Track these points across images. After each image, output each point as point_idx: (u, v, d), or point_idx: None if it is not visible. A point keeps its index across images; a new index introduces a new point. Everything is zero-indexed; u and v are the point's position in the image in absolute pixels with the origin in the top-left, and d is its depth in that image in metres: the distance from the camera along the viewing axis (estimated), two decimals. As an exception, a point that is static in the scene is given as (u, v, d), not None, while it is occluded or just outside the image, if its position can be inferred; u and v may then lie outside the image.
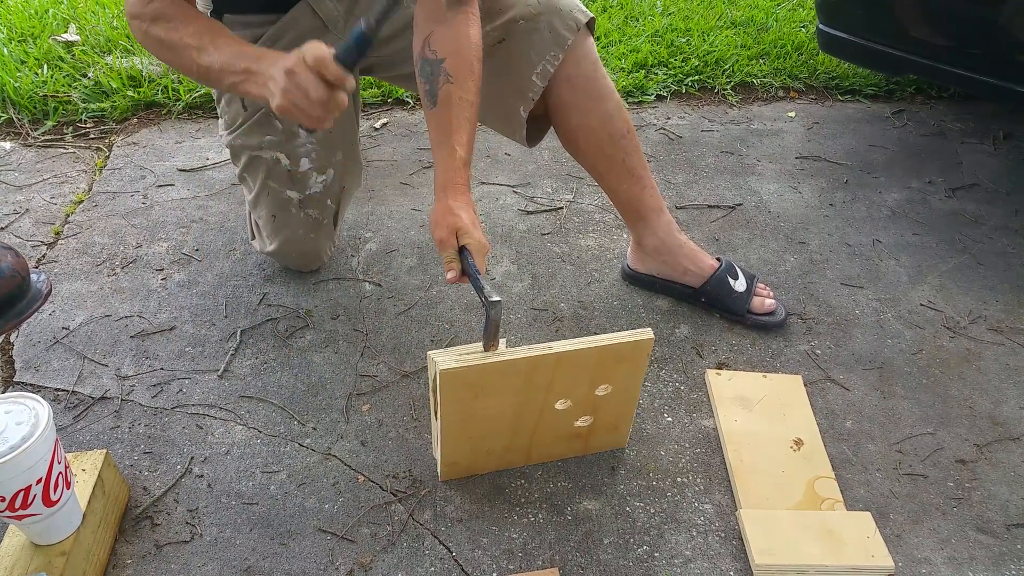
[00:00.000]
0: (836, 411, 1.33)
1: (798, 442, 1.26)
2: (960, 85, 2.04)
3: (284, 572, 1.08)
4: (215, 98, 1.48)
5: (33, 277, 0.98)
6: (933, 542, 1.13)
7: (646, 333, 1.08)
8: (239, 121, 1.44)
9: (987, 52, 1.76)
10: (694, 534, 1.13)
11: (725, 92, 2.36)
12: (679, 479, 1.22)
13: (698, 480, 1.22)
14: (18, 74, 2.22)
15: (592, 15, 1.37)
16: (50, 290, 0.99)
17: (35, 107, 2.16)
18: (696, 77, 2.39)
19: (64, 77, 2.25)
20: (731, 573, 1.08)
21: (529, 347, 1.06)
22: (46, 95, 2.18)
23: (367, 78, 2.13)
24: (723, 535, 1.13)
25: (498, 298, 1.06)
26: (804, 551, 1.08)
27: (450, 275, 1.12)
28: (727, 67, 2.42)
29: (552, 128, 1.46)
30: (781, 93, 2.38)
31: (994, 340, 1.48)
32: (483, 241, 1.13)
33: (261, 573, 1.08)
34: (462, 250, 1.13)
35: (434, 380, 1.09)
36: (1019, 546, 1.13)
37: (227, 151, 1.52)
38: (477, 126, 1.23)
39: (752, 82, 2.39)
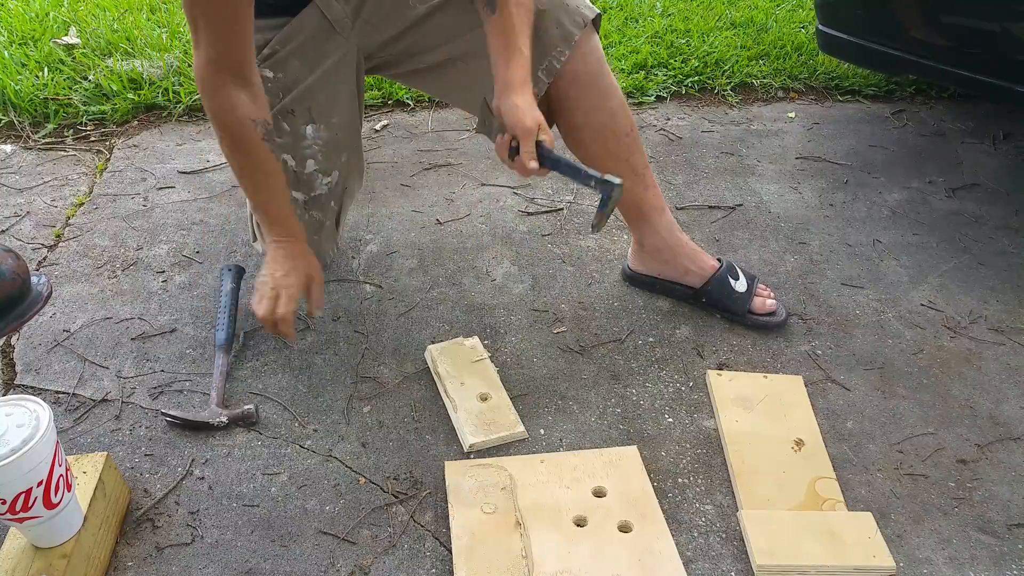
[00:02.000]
0: (837, 411, 1.33)
1: (799, 443, 1.26)
2: (960, 85, 2.04)
3: (285, 574, 1.08)
4: None
5: (33, 280, 0.98)
6: (934, 542, 1.13)
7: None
8: None
9: (986, 52, 1.76)
10: (695, 535, 1.13)
11: (725, 93, 2.36)
12: (680, 480, 1.22)
13: (699, 481, 1.21)
14: (19, 77, 2.23)
15: (599, 11, 1.37)
16: (50, 292, 0.99)
17: (36, 110, 2.16)
18: (696, 78, 2.39)
19: (65, 80, 2.25)
20: (732, 574, 1.08)
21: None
22: (47, 98, 2.18)
23: (368, 79, 2.14)
24: (724, 536, 1.13)
25: (619, 180, 1.16)
26: (805, 552, 1.08)
27: (532, 164, 1.20)
28: (727, 68, 2.43)
29: (555, 125, 1.46)
30: (781, 94, 2.38)
31: (995, 340, 1.48)
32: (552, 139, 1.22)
33: (262, 575, 1.07)
34: (538, 144, 1.21)
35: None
36: (1020, 546, 1.12)
37: None
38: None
39: (752, 83, 2.39)
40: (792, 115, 2.26)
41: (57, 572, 0.97)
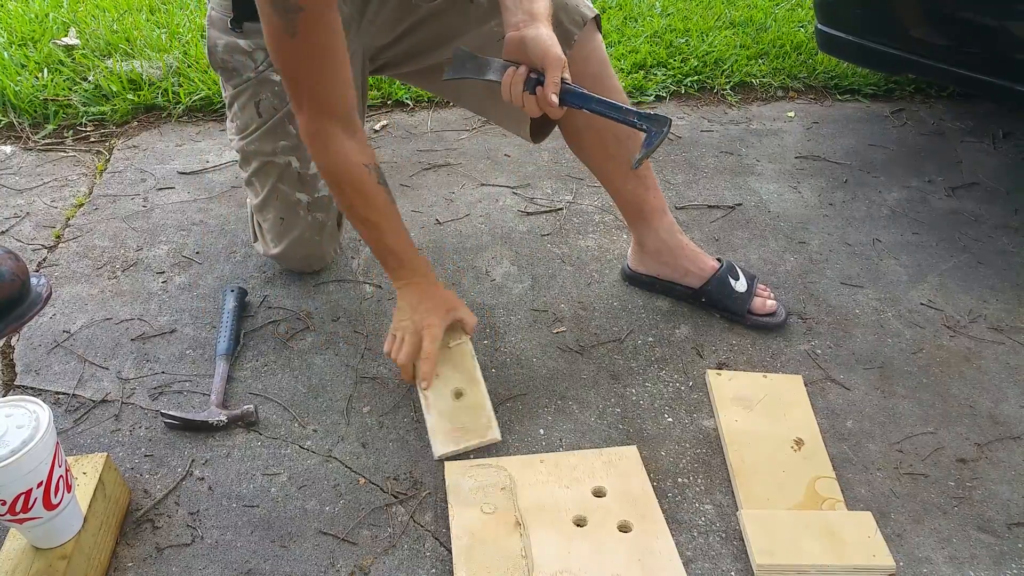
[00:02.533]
0: (836, 411, 1.33)
1: (799, 442, 1.26)
2: (959, 84, 2.04)
3: (285, 574, 1.08)
4: (226, 103, 1.48)
5: (33, 281, 0.98)
6: (934, 541, 1.13)
7: None
8: (252, 127, 1.43)
9: (986, 51, 1.76)
10: (695, 534, 1.13)
11: (724, 92, 2.36)
12: (680, 479, 1.22)
13: (699, 480, 1.21)
14: (18, 78, 2.23)
15: (598, 12, 1.36)
16: (50, 294, 0.99)
17: (35, 111, 2.16)
18: (695, 77, 2.39)
19: (64, 81, 2.25)
20: (732, 573, 1.08)
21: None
22: (46, 99, 2.18)
23: (369, 79, 2.13)
24: (724, 535, 1.13)
25: (668, 117, 1.13)
26: (805, 551, 1.08)
27: (553, 97, 1.13)
28: (726, 67, 2.43)
29: (556, 127, 1.46)
30: (780, 93, 2.38)
31: (994, 339, 1.48)
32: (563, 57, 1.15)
33: (262, 575, 1.08)
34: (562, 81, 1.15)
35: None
36: (1020, 545, 1.12)
37: (234, 154, 1.52)
38: None
39: (751, 82, 2.39)
40: (791, 114, 2.26)
41: (57, 573, 0.97)
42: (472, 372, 1.30)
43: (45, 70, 2.28)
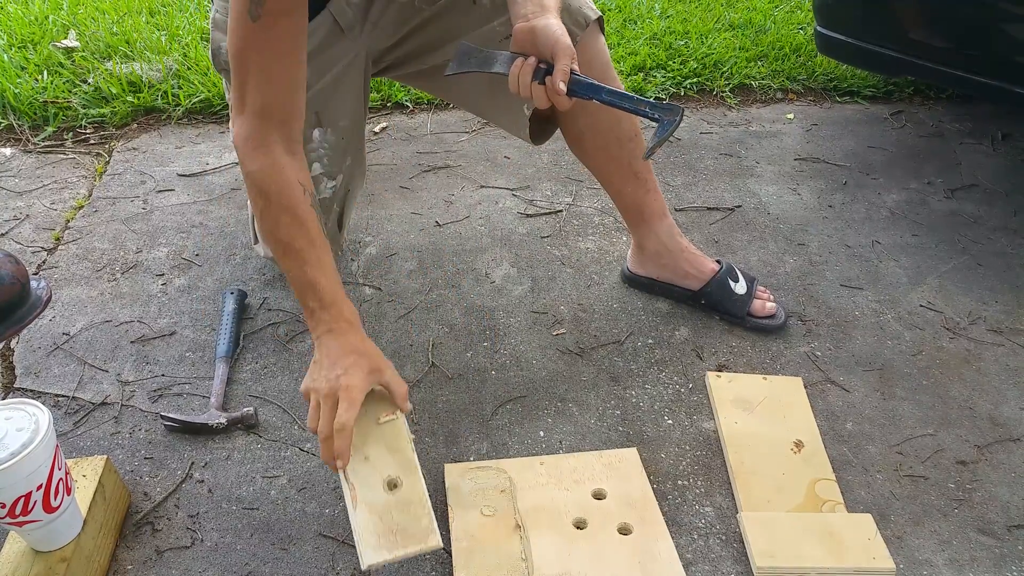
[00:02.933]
0: (836, 413, 1.33)
1: (799, 444, 1.26)
2: (958, 86, 2.04)
3: (285, 577, 1.08)
4: (229, 103, 1.48)
5: (33, 284, 0.98)
6: (934, 544, 1.13)
7: None
8: None
9: (985, 53, 1.76)
10: (695, 537, 1.13)
11: (724, 94, 2.36)
12: (680, 482, 1.22)
13: (699, 483, 1.21)
14: (18, 80, 2.23)
15: (600, 13, 1.36)
16: (50, 297, 0.99)
17: (35, 113, 2.16)
18: (695, 79, 2.39)
19: (64, 83, 2.25)
20: (732, 576, 1.08)
21: None
22: (46, 101, 2.18)
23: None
24: (724, 538, 1.13)
25: (681, 107, 1.10)
26: (805, 553, 1.08)
27: (561, 86, 1.10)
28: (725, 69, 2.43)
29: (558, 129, 1.46)
30: (780, 95, 2.38)
31: (994, 341, 1.48)
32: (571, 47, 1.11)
33: (262, 578, 1.08)
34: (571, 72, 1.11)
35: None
36: (1020, 547, 1.12)
37: (234, 156, 1.52)
38: None
39: (751, 84, 2.39)
40: (791, 116, 2.27)
41: (57, 575, 0.97)
42: (408, 456, 1.07)
43: (45, 72, 2.28)
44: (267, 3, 1.04)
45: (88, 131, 2.14)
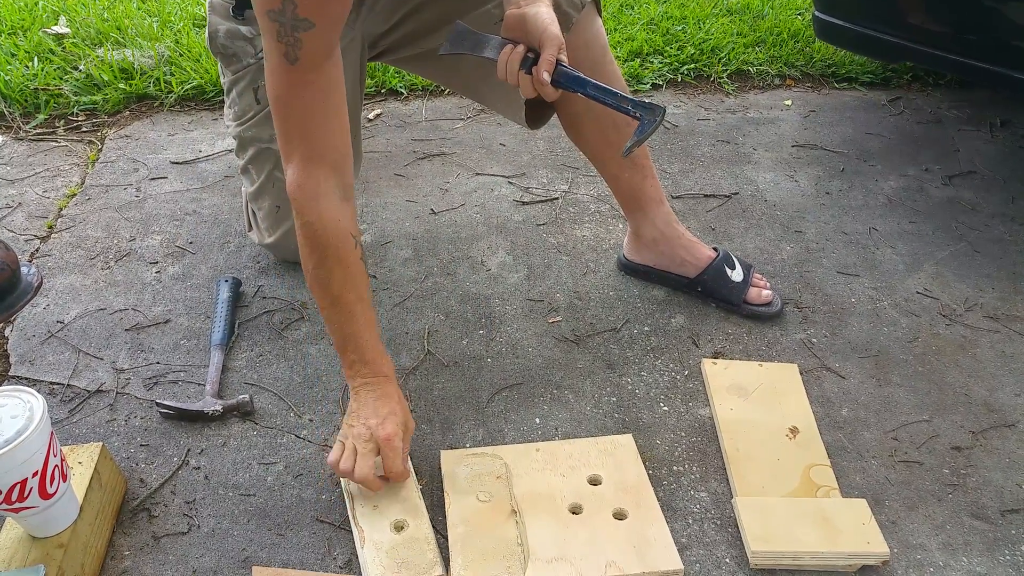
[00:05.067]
0: (832, 399, 1.34)
1: (794, 430, 1.26)
2: (957, 72, 2.04)
3: (282, 562, 1.08)
4: (224, 89, 1.47)
5: (23, 270, 0.97)
6: (928, 528, 1.13)
7: (674, 562, 1.05)
8: (251, 114, 1.43)
9: (984, 38, 1.76)
10: (690, 522, 1.14)
11: (721, 80, 2.35)
12: (675, 467, 1.22)
13: (694, 468, 1.22)
14: (8, 67, 2.21)
15: None
16: (40, 283, 0.98)
17: (26, 100, 2.15)
18: (692, 65, 2.38)
19: (55, 70, 2.24)
20: (727, 560, 1.09)
21: None
22: (37, 88, 2.17)
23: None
24: (719, 523, 1.14)
25: (663, 106, 1.10)
26: (800, 538, 1.08)
27: (544, 76, 1.09)
28: (723, 55, 2.42)
29: (555, 114, 1.45)
30: (777, 81, 2.37)
31: (990, 327, 1.48)
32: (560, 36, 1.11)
33: (259, 563, 1.07)
34: (558, 63, 1.11)
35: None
36: (1013, 532, 1.13)
37: (230, 142, 1.51)
38: None
39: (748, 70, 2.39)
40: (788, 103, 2.26)
41: (54, 562, 0.97)
42: (415, 503, 1.12)
43: (35, 59, 2.26)
44: (305, 45, 1.01)
45: (80, 118, 2.13)
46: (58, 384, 1.35)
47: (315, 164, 1.08)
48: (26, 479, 0.93)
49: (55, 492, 0.97)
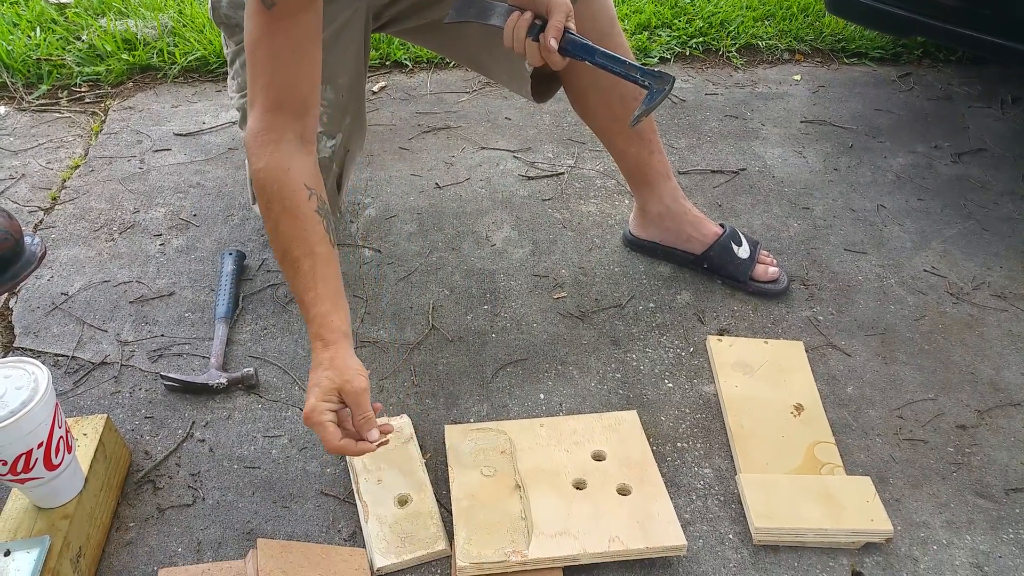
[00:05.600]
0: (837, 377, 1.33)
1: (799, 407, 1.26)
2: (969, 47, 2.00)
3: (286, 535, 1.09)
4: (227, 60, 1.45)
5: (27, 240, 0.97)
6: (932, 506, 1.13)
7: (677, 538, 1.04)
8: None
9: (998, 13, 1.73)
10: (693, 498, 1.14)
11: (730, 55, 2.32)
12: (679, 444, 1.22)
13: (698, 445, 1.22)
14: (11, 37, 2.19)
15: None
16: (44, 253, 0.98)
17: (29, 71, 2.13)
18: (700, 39, 2.35)
19: (57, 40, 2.22)
20: (730, 536, 1.09)
21: (552, 557, 1.02)
22: (40, 58, 2.15)
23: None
24: (722, 499, 1.14)
25: (672, 75, 1.08)
26: (803, 515, 1.08)
27: (552, 43, 1.07)
28: (732, 29, 2.38)
29: (561, 87, 1.43)
30: (786, 56, 2.34)
31: (997, 306, 1.47)
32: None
33: (263, 535, 1.08)
34: (565, 30, 1.09)
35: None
36: (1017, 510, 1.13)
37: (233, 114, 1.50)
38: None
39: (757, 44, 2.35)
40: (798, 78, 2.23)
41: (60, 532, 0.97)
42: (420, 477, 1.14)
43: (38, 29, 2.24)
44: None
45: (83, 89, 2.11)
46: (63, 356, 1.35)
47: (275, 112, 1.07)
48: (31, 450, 0.93)
49: (60, 463, 0.97)
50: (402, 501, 1.10)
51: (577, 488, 1.11)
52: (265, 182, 1.06)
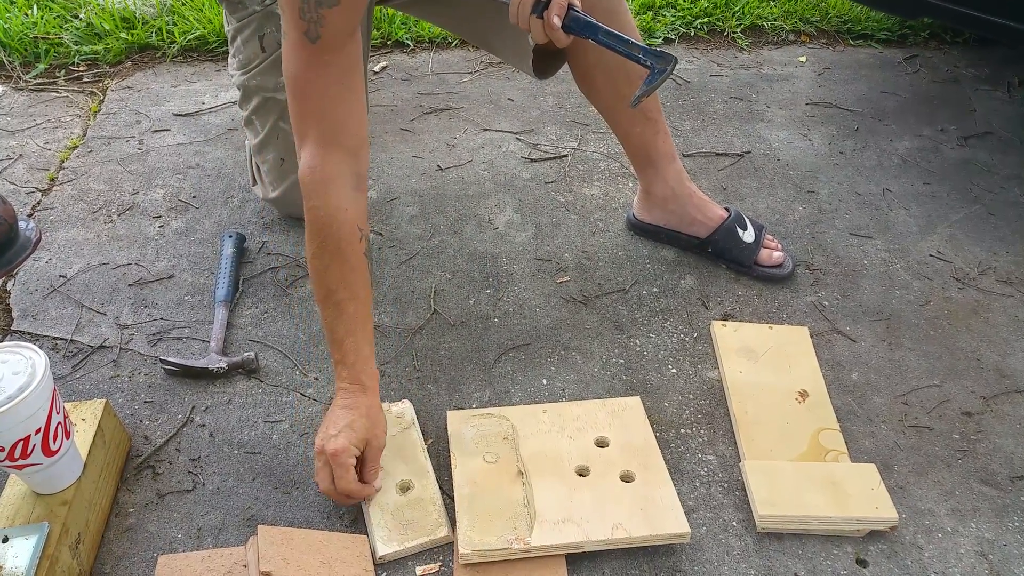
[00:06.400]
0: (842, 363, 1.32)
1: (803, 394, 1.25)
2: (977, 28, 1.97)
3: (287, 521, 1.08)
4: (228, 37, 1.43)
5: (21, 225, 0.95)
6: (937, 494, 1.13)
7: (681, 526, 1.04)
8: (256, 62, 1.39)
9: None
10: (697, 485, 1.13)
11: (735, 35, 2.29)
12: (683, 430, 1.21)
13: (702, 431, 1.21)
14: (7, 15, 2.16)
15: None
16: (39, 239, 0.96)
17: (26, 49, 2.11)
18: (705, 19, 2.32)
19: (55, 18, 2.19)
20: (734, 524, 1.08)
21: (555, 545, 1.01)
22: (37, 37, 2.12)
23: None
24: (726, 486, 1.13)
25: (674, 55, 1.08)
26: (808, 502, 1.08)
27: (556, 20, 1.07)
28: (737, 9, 2.35)
29: (566, 65, 1.41)
30: (792, 37, 2.31)
31: (1003, 292, 1.46)
32: None
33: (264, 522, 1.07)
34: (570, 8, 1.08)
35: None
36: (1023, 498, 1.12)
37: (234, 93, 1.48)
38: None
39: (762, 25, 2.32)
40: (803, 59, 2.20)
41: (58, 519, 0.96)
42: (421, 463, 1.13)
43: (35, 7, 2.21)
44: (328, 22, 0.98)
45: (81, 68, 2.09)
46: (61, 339, 1.34)
47: (330, 148, 1.05)
48: (29, 436, 0.92)
49: (58, 449, 0.97)
50: (404, 487, 1.10)
51: (580, 475, 1.11)
52: (321, 223, 1.05)
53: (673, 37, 2.27)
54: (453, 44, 2.21)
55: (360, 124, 1.08)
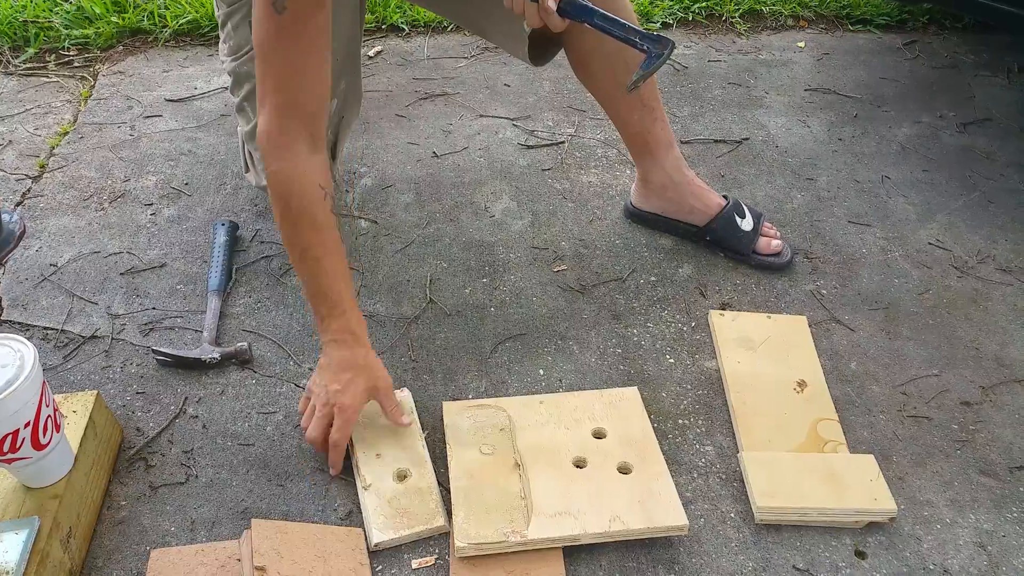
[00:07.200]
0: (841, 352, 1.31)
1: (802, 384, 1.24)
2: (977, 14, 1.96)
3: (282, 513, 1.07)
4: (219, 23, 1.41)
5: (4, 218, 0.94)
6: (936, 485, 1.12)
7: (679, 518, 1.03)
8: (247, 47, 1.37)
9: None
10: (695, 476, 1.13)
11: (733, 20, 2.27)
12: (680, 421, 1.20)
13: (700, 422, 1.20)
14: (-5, -2, 2.13)
15: None
16: (24, 231, 0.95)
17: (15, 33, 2.08)
18: (703, 4, 2.29)
19: (44, 1, 2.15)
20: (732, 515, 1.08)
21: (552, 538, 1.01)
22: (26, 20, 2.09)
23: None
24: (724, 477, 1.12)
25: (671, 40, 1.07)
26: (806, 493, 1.07)
27: (551, 3, 1.07)
28: (735, -6, 2.33)
29: (563, 52, 1.39)
30: (791, 22, 2.29)
31: (1002, 280, 1.45)
32: None
33: (258, 514, 1.06)
34: None
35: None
36: (1022, 488, 1.12)
37: (226, 79, 1.46)
38: None
39: (761, 10, 2.30)
40: (802, 44, 2.18)
41: (49, 513, 0.95)
42: (419, 452, 1.12)
43: (23, -10, 2.18)
44: None
45: (71, 53, 2.06)
46: (52, 329, 1.32)
47: (287, 114, 1.06)
48: (18, 430, 0.91)
49: (48, 442, 0.95)
50: (401, 476, 1.09)
51: (577, 467, 1.10)
52: (282, 185, 1.07)
53: (671, 22, 2.24)
54: (449, 28, 2.18)
55: (322, 89, 1.08)
